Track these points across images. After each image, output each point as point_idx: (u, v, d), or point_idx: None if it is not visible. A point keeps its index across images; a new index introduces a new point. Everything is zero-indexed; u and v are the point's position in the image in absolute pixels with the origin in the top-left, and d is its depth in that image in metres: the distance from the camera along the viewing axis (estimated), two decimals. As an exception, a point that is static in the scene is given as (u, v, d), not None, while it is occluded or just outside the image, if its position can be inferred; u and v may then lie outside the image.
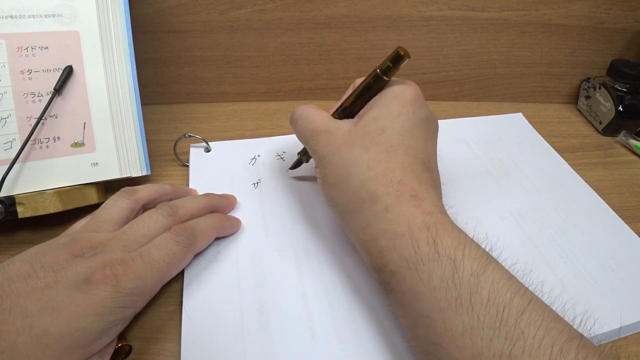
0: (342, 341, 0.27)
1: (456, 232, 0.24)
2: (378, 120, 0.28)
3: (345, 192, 0.27)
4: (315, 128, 0.30)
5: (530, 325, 0.19)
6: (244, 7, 0.45)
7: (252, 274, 0.30)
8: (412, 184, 0.26)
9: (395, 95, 0.29)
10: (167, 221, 0.28)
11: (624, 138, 0.47)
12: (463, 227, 0.25)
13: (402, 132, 0.28)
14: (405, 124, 0.28)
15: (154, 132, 0.45)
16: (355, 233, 0.27)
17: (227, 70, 0.49)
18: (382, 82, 0.30)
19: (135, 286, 0.23)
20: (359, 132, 0.28)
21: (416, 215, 0.24)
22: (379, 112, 0.28)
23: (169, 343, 0.27)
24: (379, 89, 0.30)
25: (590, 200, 0.38)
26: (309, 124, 0.31)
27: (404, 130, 0.28)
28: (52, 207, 0.32)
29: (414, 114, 0.28)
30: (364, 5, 0.46)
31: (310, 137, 0.30)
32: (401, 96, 0.29)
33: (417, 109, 0.29)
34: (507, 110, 0.50)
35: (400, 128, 0.28)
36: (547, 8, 0.47)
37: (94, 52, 0.35)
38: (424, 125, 0.29)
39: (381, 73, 0.29)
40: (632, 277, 0.32)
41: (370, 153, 0.27)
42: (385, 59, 0.29)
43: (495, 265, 0.22)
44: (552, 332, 0.19)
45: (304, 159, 0.37)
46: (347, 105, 0.31)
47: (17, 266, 0.23)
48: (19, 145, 0.32)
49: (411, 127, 0.28)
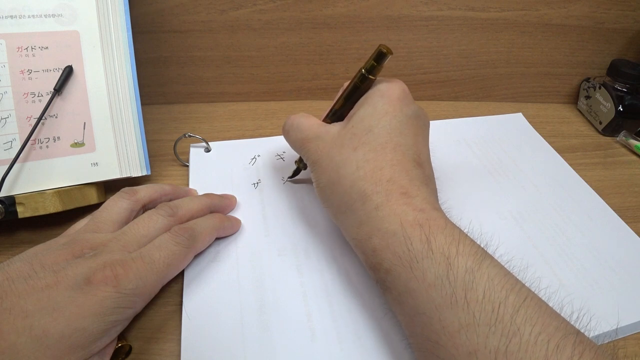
0: (342, 341, 0.27)
1: (450, 229, 0.24)
2: (365, 120, 0.28)
3: (337, 194, 0.27)
4: (306, 136, 0.31)
5: (526, 321, 0.19)
6: (244, 7, 0.45)
7: (252, 274, 0.30)
8: (402, 182, 0.26)
9: (382, 93, 0.29)
10: (167, 222, 0.29)
11: (624, 138, 0.47)
12: (464, 228, 0.25)
13: (389, 130, 0.28)
14: (393, 122, 0.28)
15: (154, 132, 0.45)
16: (350, 233, 0.27)
17: (227, 70, 0.49)
18: (369, 82, 0.30)
19: (136, 287, 0.23)
20: (347, 133, 0.28)
21: (407, 212, 0.24)
22: (365, 111, 0.29)
23: (169, 343, 0.27)
24: (365, 89, 0.30)
25: (590, 200, 0.38)
26: (300, 132, 0.31)
27: (392, 128, 0.28)
28: (52, 207, 0.32)
29: (401, 111, 0.28)
30: (364, 5, 0.46)
31: (302, 146, 0.31)
32: (387, 94, 0.29)
33: (404, 106, 0.29)
34: (507, 110, 0.50)
35: (387, 126, 0.28)
36: (547, 8, 0.47)
37: (94, 52, 0.35)
38: (413, 122, 0.29)
39: (366, 72, 0.29)
40: (631, 277, 0.32)
41: (358, 153, 0.27)
42: (369, 58, 0.29)
43: (491, 262, 0.22)
44: (548, 329, 0.19)
45: (301, 166, 0.37)
46: (337, 108, 0.31)
47: (17, 266, 0.23)
48: (19, 145, 0.32)
49: (399, 124, 0.28)
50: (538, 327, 0.19)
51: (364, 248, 0.26)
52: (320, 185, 0.29)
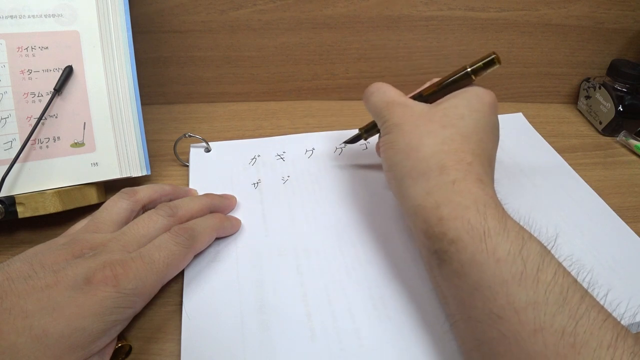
0: (342, 341, 0.27)
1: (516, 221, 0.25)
2: (459, 107, 0.29)
3: (413, 159, 0.28)
4: (393, 100, 0.31)
5: (592, 308, 0.20)
6: (244, 7, 0.45)
7: (252, 274, 0.30)
8: (479, 170, 0.27)
9: (477, 94, 0.30)
10: (167, 222, 0.29)
11: (624, 138, 0.47)
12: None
13: (478, 125, 0.29)
14: (482, 121, 0.29)
15: (154, 132, 0.45)
16: (414, 199, 0.27)
17: (227, 70, 0.49)
18: (467, 81, 0.31)
19: (135, 286, 0.24)
20: (438, 112, 0.29)
21: (481, 195, 0.25)
22: (459, 102, 0.30)
23: (169, 343, 0.27)
24: (462, 86, 0.31)
25: (590, 200, 0.38)
26: (387, 96, 0.32)
27: (480, 124, 0.29)
28: (52, 207, 0.32)
29: (490, 115, 0.30)
30: (364, 5, 0.46)
31: (386, 107, 0.31)
32: (482, 97, 0.30)
33: (492, 114, 0.30)
34: (507, 110, 0.50)
35: (477, 121, 0.29)
36: (547, 8, 0.47)
37: (94, 52, 0.35)
38: (494, 130, 0.30)
39: (471, 72, 0.31)
40: (632, 277, 0.32)
41: (447, 131, 0.28)
42: (478, 60, 0.31)
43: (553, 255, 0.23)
44: (610, 318, 0.20)
45: (364, 136, 0.38)
46: (425, 94, 0.33)
47: (17, 266, 0.23)
48: (19, 145, 0.32)
49: (485, 125, 0.29)
50: (603, 315, 0.20)
51: (427, 215, 0.26)
52: (396, 147, 0.29)
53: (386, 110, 0.31)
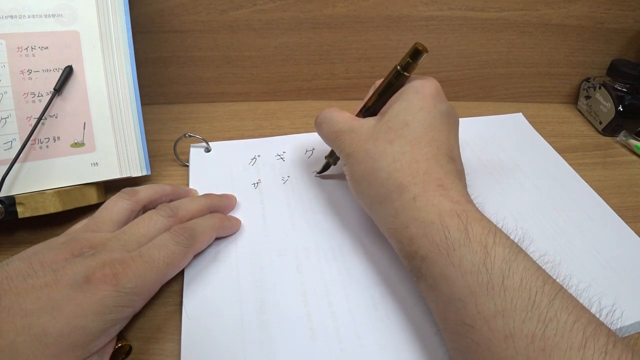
0: (342, 341, 0.27)
1: (485, 221, 0.24)
2: (400, 114, 0.29)
3: (373, 185, 0.28)
4: (339, 129, 0.31)
5: (562, 310, 0.20)
6: (244, 7, 0.45)
7: (252, 274, 0.30)
8: (437, 174, 0.26)
9: (416, 90, 0.30)
10: (167, 222, 0.29)
11: (624, 138, 0.47)
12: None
13: (424, 124, 0.28)
14: (427, 117, 0.29)
15: (154, 132, 0.45)
16: (385, 222, 0.28)
17: (227, 70, 0.49)
18: (403, 79, 0.30)
19: (135, 286, 0.23)
20: (382, 127, 0.29)
21: (444, 203, 0.25)
22: (400, 107, 0.29)
23: (169, 343, 0.27)
24: (399, 85, 0.31)
25: (590, 200, 0.38)
26: (333, 125, 0.32)
27: (427, 123, 0.28)
28: (52, 207, 0.32)
29: (435, 108, 0.29)
30: (364, 5, 0.46)
31: (335, 138, 0.31)
32: (421, 91, 0.29)
33: (437, 103, 0.29)
34: (507, 110, 0.50)
35: (422, 121, 0.28)
36: (547, 8, 0.47)
37: (94, 52, 0.35)
38: (446, 118, 0.30)
39: (401, 69, 0.30)
40: (632, 277, 0.32)
41: (394, 146, 0.28)
42: (405, 56, 0.30)
43: (525, 254, 0.23)
44: (582, 319, 0.20)
45: (331, 162, 0.37)
46: (369, 104, 0.32)
47: (16, 265, 0.23)
48: (19, 145, 0.32)
49: (433, 120, 0.29)
50: (573, 316, 0.20)
51: (399, 237, 0.26)
52: (355, 177, 0.29)
53: (337, 141, 0.31)
